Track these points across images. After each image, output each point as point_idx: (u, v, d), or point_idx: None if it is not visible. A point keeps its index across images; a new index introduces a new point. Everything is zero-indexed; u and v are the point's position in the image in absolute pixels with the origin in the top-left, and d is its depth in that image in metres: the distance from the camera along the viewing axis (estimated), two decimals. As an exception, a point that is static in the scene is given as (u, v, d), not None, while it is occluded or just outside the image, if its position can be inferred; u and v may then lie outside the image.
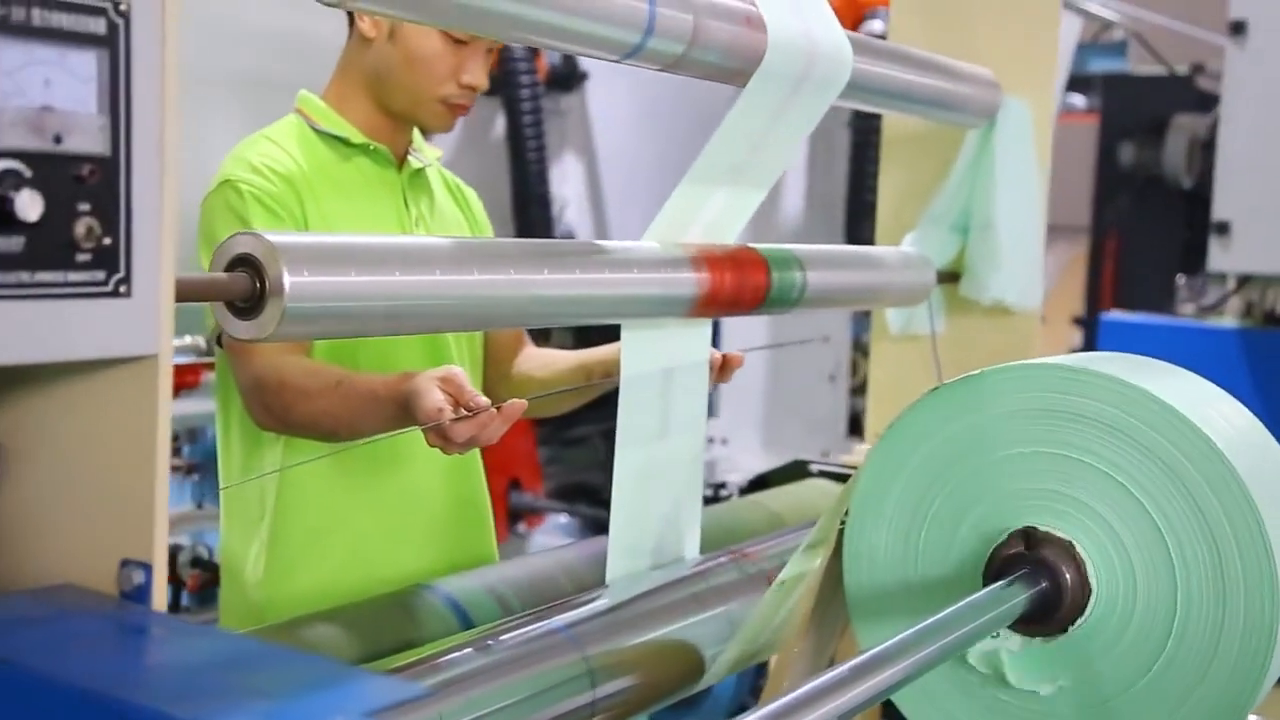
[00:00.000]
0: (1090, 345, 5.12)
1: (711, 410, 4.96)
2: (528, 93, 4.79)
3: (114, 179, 1.02)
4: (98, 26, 0.99)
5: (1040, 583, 1.41)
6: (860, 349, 5.00)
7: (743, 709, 2.35)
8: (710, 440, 4.68)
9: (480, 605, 1.70)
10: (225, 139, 1.99)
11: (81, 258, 1.00)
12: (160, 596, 1.07)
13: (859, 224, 4.69)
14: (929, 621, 1.31)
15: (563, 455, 5.44)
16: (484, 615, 1.69)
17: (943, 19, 2.31)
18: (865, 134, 4.66)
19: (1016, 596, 1.41)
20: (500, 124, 4.88)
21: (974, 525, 1.50)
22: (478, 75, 1.97)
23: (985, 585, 1.48)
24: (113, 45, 1.01)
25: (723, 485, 4.16)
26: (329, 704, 0.89)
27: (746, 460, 4.70)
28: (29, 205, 0.94)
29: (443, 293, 1.42)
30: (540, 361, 2.19)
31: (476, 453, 2.04)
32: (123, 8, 1.01)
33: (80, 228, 0.99)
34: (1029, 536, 1.46)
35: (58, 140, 0.98)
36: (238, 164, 1.91)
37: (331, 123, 2.00)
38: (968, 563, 1.52)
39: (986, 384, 1.47)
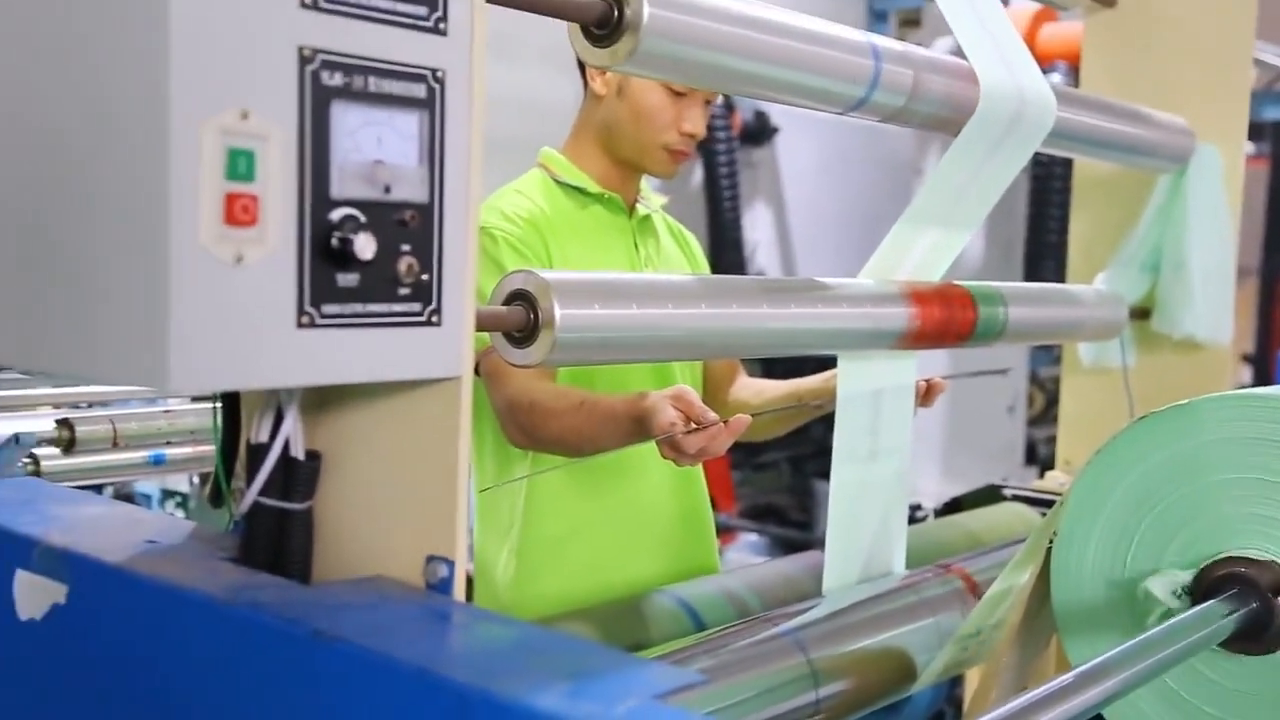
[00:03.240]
0: (1262, 381, 4.95)
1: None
2: (724, 146, 4.85)
3: (430, 223, 1.07)
4: (420, 91, 1.05)
5: (1250, 603, 1.39)
6: (1037, 383, 4.92)
7: (939, 716, 2.32)
8: (902, 468, 4.64)
9: (712, 609, 1.72)
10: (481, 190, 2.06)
11: (403, 291, 1.05)
12: (460, 588, 1.11)
13: (1038, 264, 4.62)
14: (1143, 637, 1.30)
15: (753, 479, 5.45)
16: (715, 619, 1.71)
17: (1133, 67, 2.27)
18: (1045, 180, 4.60)
19: (1226, 615, 1.39)
20: (699, 175, 4.95)
21: (1182, 546, 1.47)
22: (697, 124, 2.01)
23: (1194, 605, 1.45)
24: (431, 107, 1.06)
25: (919, 507, 4.10)
26: (620, 687, 0.91)
27: (926, 486, 4.65)
28: (365, 246, 1.00)
29: (684, 324, 1.45)
30: (753, 389, 2.21)
31: (700, 468, 2.07)
32: (439, 74, 1.06)
33: (403, 265, 1.04)
34: (1238, 560, 1.44)
35: (387, 190, 1.03)
36: (491, 213, 1.97)
37: (570, 174, 2.06)
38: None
39: (1197, 413, 1.45)
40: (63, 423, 3.06)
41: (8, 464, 2.82)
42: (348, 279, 1.01)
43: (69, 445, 3.03)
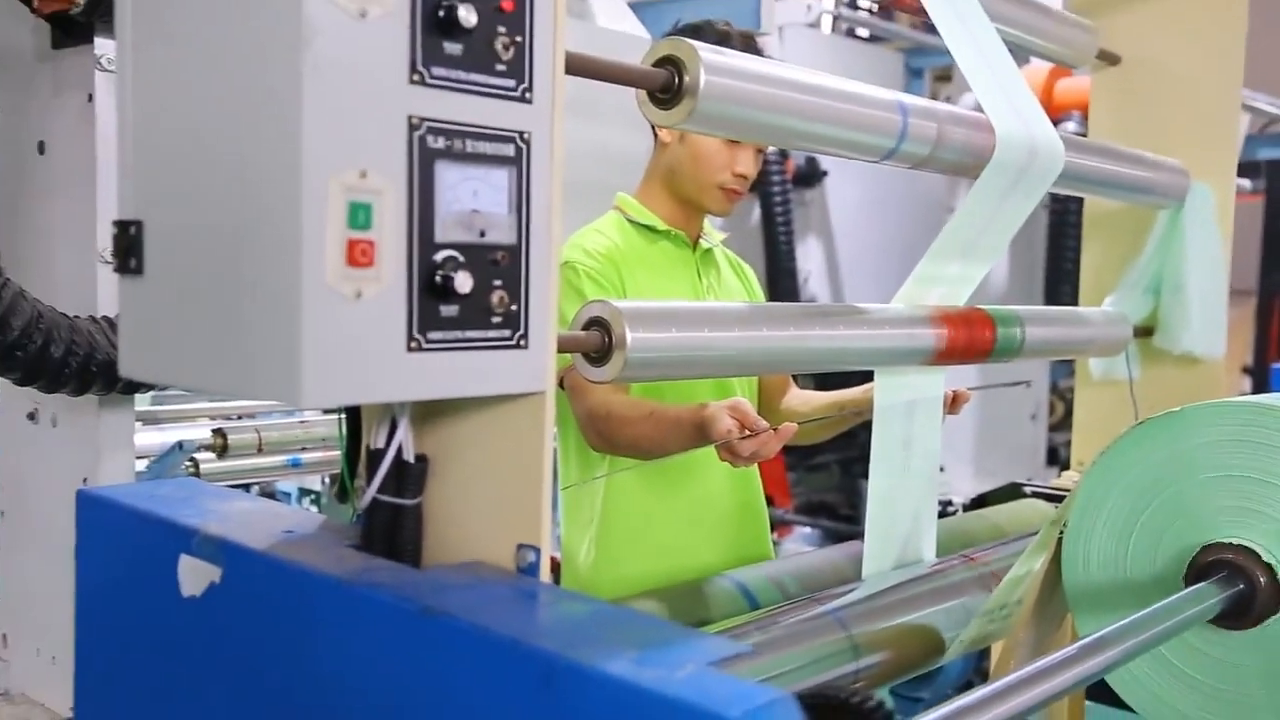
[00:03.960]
0: (1260, 389, 4.84)
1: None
2: (778, 188, 4.85)
3: (518, 262, 1.08)
4: (509, 151, 1.06)
5: (1237, 584, 1.38)
6: (1057, 393, 4.85)
7: (969, 685, 2.31)
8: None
9: (765, 591, 1.73)
10: (562, 231, 2.09)
11: (495, 320, 1.06)
12: (545, 572, 1.11)
13: (1056, 288, 4.56)
14: (1141, 614, 1.29)
15: (806, 479, 5.42)
16: (767, 599, 1.71)
17: (1136, 115, 2.25)
18: (1061, 214, 4.54)
19: (1215, 595, 1.38)
20: (757, 214, 4.95)
21: (1176, 536, 1.46)
22: (748, 166, 2.02)
23: (1187, 586, 1.44)
24: (519, 164, 1.07)
25: (949, 503, 4.07)
26: (680, 656, 0.92)
27: (961, 486, 4.61)
28: (463, 282, 1.02)
29: (739, 345, 1.46)
30: (802, 399, 2.21)
31: (755, 469, 2.08)
32: (526, 136, 1.08)
33: (495, 298, 1.06)
34: (1224, 546, 1.43)
35: (482, 234, 1.05)
36: (574, 249, 2.00)
37: (641, 215, 2.07)
38: (1171, 567, 1.48)
39: (1186, 418, 1.44)
40: (217, 432, 3.13)
41: (172, 466, 2.90)
42: (449, 310, 1.03)
43: (222, 451, 3.11)
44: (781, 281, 4.88)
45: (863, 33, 6.36)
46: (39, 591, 2.41)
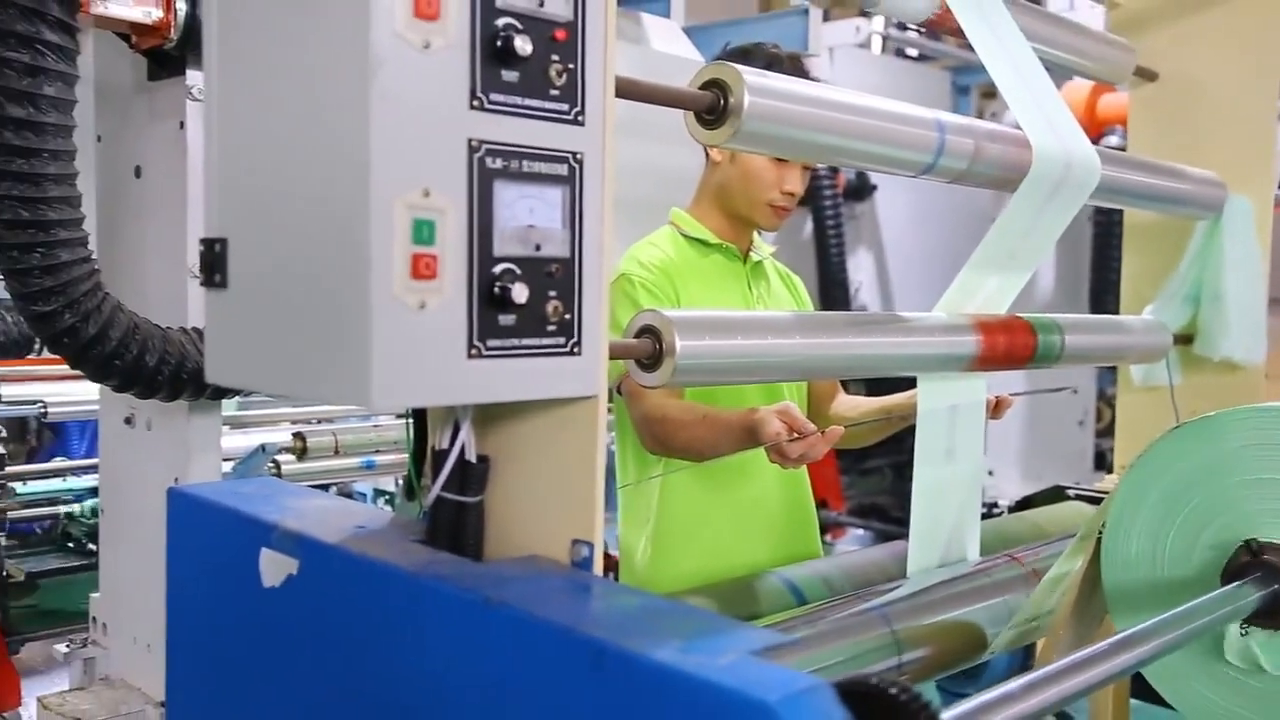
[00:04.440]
0: (1305, 397, 4.73)
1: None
2: (829, 202, 4.83)
3: (571, 273, 1.10)
4: (563, 170, 1.08)
5: (1273, 584, 1.36)
6: (1104, 399, 4.77)
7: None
8: (979, 472, 4.56)
9: (812, 587, 1.73)
10: (617, 245, 2.11)
11: (550, 328, 1.08)
12: (598, 566, 1.12)
13: (1102, 298, 4.50)
14: (1176, 610, 1.28)
15: (859, 482, 5.39)
16: (815, 596, 1.72)
17: (1175, 130, 2.22)
18: (1106, 225, 4.48)
19: (1250, 595, 1.36)
20: (808, 227, 4.94)
21: (1212, 536, 1.45)
22: (796, 184, 2.02)
23: (1223, 585, 1.42)
24: (572, 182, 1.09)
25: (994, 505, 4.03)
26: (723, 645, 0.93)
27: (1008, 489, 4.55)
28: (520, 293, 1.04)
29: (783, 352, 1.46)
30: (850, 404, 2.20)
31: (805, 470, 2.08)
32: (579, 156, 1.10)
33: (549, 308, 1.08)
34: (1259, 546, 1.41)
35: (537, 248, 1.07)
36: (630, 262, 2.02)
37: (694, 229, 2.08)
38: (1207, 567, 1.47)
39: (1222, 423, 1.43)
40: (297, 435, 3.20)
41: (256, 467, 2.97)
42: (507, 319, 1.05)
43: (302, 453, 3.17)
44: (833, 292, 4.86)
45: (911, 52, 6.33)
46: (135, 583, 2.48)
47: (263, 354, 1.12)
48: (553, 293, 1.08)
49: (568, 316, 1.10)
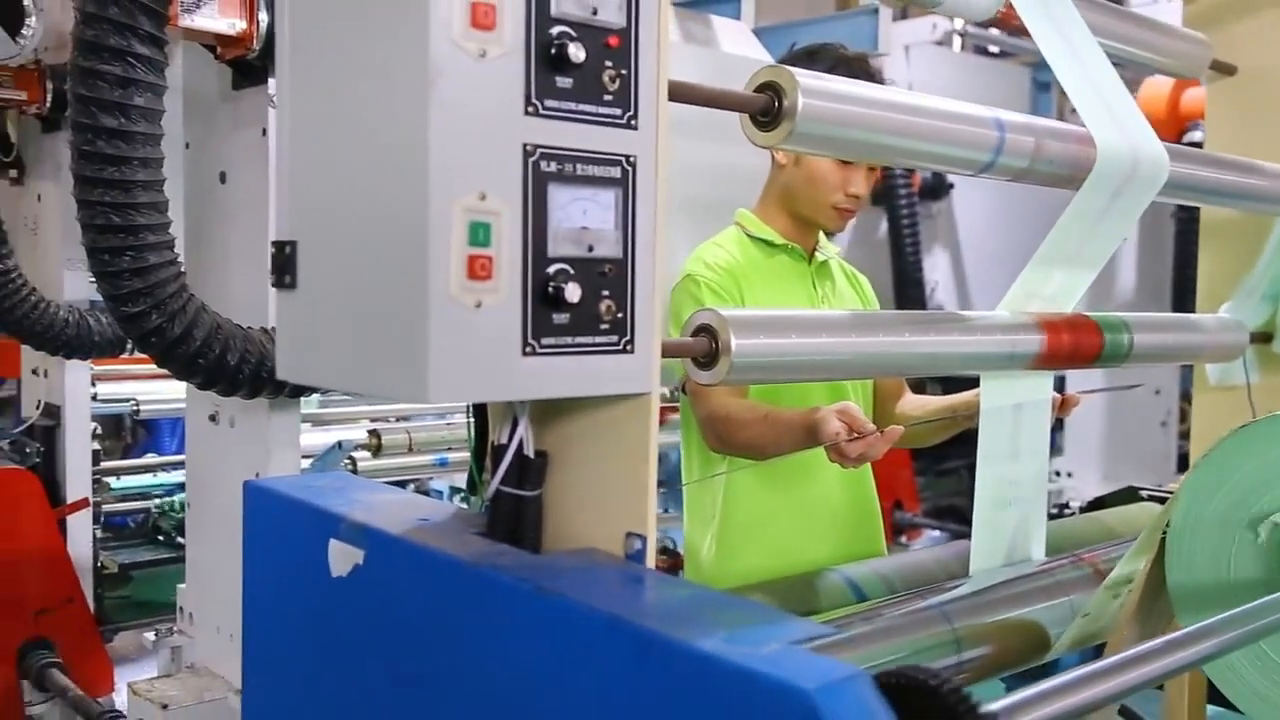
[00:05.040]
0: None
1: (1058, 449, 4.78)
2: (904, 201, 4.80)
3: (624, 273, 1.12)
4: (616, 173, 1.11)
5: (1337, 586, 1.33)
6: (1187, 399, 4.67)
7: (1083, 683, 2.26)
8: (1058, 473, 4.49)
9: (872, 585, 1.73)
10: (684, 245, 2.13)
11: (603, 326, 1.11)
12: (651, 558, 1.15)
13: (1185, 297, 4.40)
14: (1242, 609, 1.27)
15: (935, 484, 5.35)
16: (875, 593, 1.72)
17: (1253, 124, 2.18)
18: (1188, 223, 4.39)
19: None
20: (884, 226, 4.91)
21: (1281, 537, 1.43)
22: (860, 187, 2.02)
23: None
24: (625, 184, 1.12)
25: (1066, 505, 3.98)
26: (766, 635, 0.95)
27: (1088, 490, 4.48)
28: (573, 293, 1.07)
29: (839, 350, 1.46)
30: (915, 404, 2.20)
31: (869, 468, 2.08)
32: (631, 159, 1.12)
33: (603, 307, 1.10)
34: (1326, 546, 1.38)
35: (590, 249, 1.09)
36: (696, 263, 2.04)
37: (759, 229, 2.10)
38: (1275, 567, 1.44)
39: (1286, 423, 1.40)
40: (373, 432, 3.28)
41: (332, 463, 3.05)
42: (561, 318, 1.08)
43: (377, 450, 3.26)
44: (908, 292, 4.83)
45: (992, 49, 6.24)
46: (220, 575, 2.57)
47: (329, 351, 1.16)
48: (606, 292, 1.11)
49: (620, 315, 1.12)
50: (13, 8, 3.11)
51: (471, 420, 1.36)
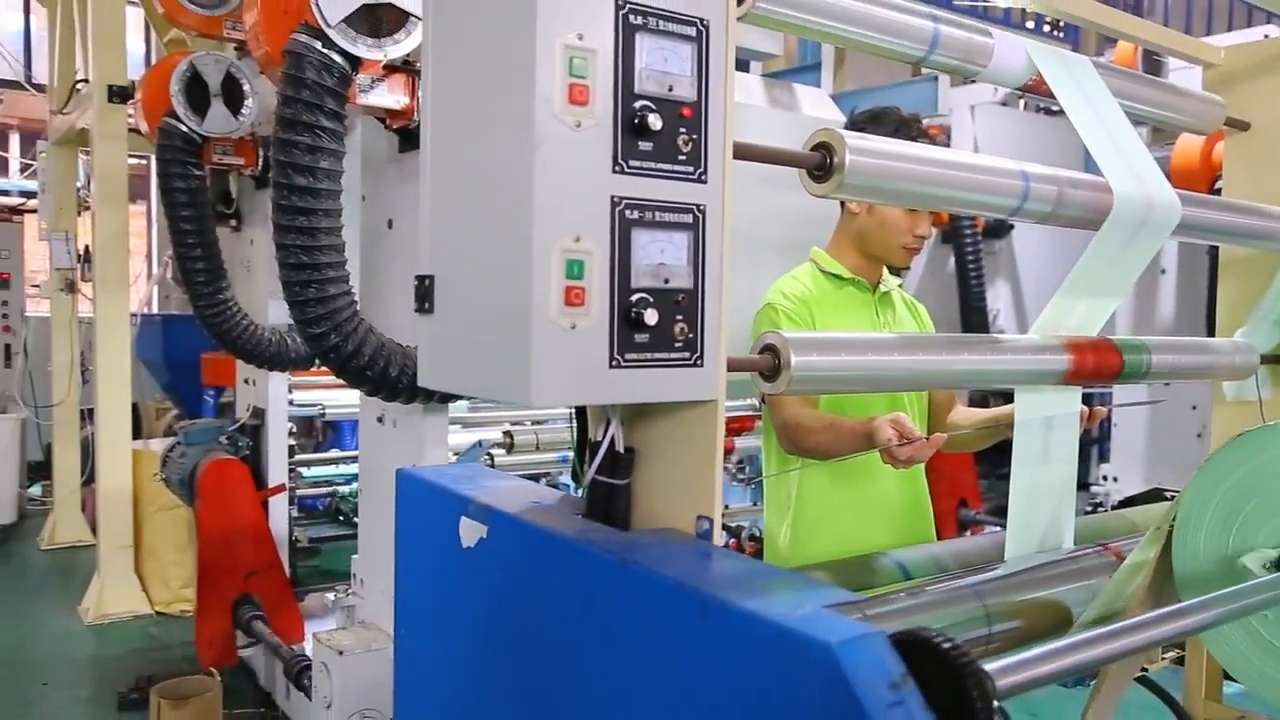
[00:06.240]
0: None
1: (1105, 456, 4.62)
2: (969, 240, 4.72)
3: (694, 302, 1.16)
4: (689, 219, 1.15)
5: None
6: (1224, 415, 4.48)
7: (1114, 661, 2.19)
8: (1104, 478, 4.34)
9: (918, 567, 1.72)
10: (768, 276, 2.16)
11: (677, 345, 1.15)
12: (717, 536, 1.17)
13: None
14: (1232, 589, 1.24)
15: (996, 485, 5.21)
16: (920, 574, 1.71)
17: (1266, 173, 2.10)
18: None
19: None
20: (951, 262, 4.83)
21: (1271, 531, 1.38)
22: (925, 228, 2.03)
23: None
24: (695, 228, 1.15)
25: (1100, 504, 3.86)
26: (804, 599, 0.97)
27: (1131, 493, 4.32)
28: (651, 317, 1.11)
29: (884, 367, 1.44)
30: (964, 414, 2.17)
31: (922, 470, 2.06)
32: (701, 208, 1.16)
33: (676, 329, 1.14)
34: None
35: (666, 281, 1.13)
36: (775, 293, 2.06)
37: (830, 265, 2.11)
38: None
39: (1275, 433, 1.36)
40: (507, 433, 3.37)
41: (474, 458, 3.15)
42: (641, 337, 1.12)
43: (510, 447, 3.34)
44: (973, 319, 4.74)
45: (1054, 107, 6.06)
46: (385, 548, 2.68)
47: (457, 363, 1.22)
48: (679, 317, 1.15)
49: (691, 336, 1.16)
50: (235, 93, 3.33)
51: (574, 422, 1.41)
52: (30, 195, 6.77)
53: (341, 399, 4.43)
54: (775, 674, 0.91)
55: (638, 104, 1.11)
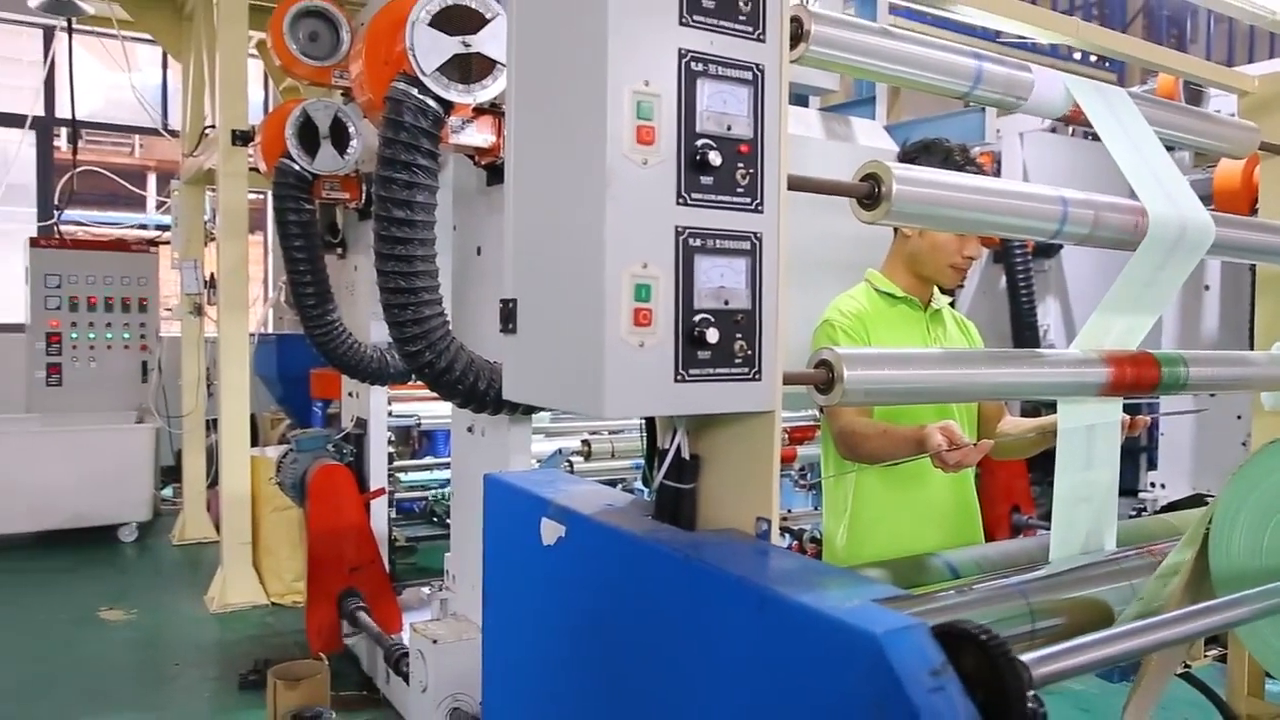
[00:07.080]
0: None
1: (1153, 464, 4.47)
2: (1020, 259, 4.62)
3: (753, 321, 1.17)
4: (747, 245, 1.17)
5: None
6: (1271, 424, 4.30)
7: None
8: (1152, 484, 4.20)
9: (966, 567, 1.71)
10: (827, 295, 2.16)
11: (737, 361, 1.16)
12: (775, 537, 1.17)
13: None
14: (1267, 587, 1.21)
15: (1048, 491, 5.07)
16: (968, 573, 1.69)
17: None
18: (1271, 273, 4.06)
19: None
20: (1003, 281, 4.74)
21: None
22: (974, 250, 2.02)
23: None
24: (753, 254, 1.17)
25: (1143, 509, 3.74)
26: (853, 594, 0.98)
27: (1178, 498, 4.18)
28: (713, 336, 1.13)
29: (930, 380, 1.43)
30: (1012, 423, 2.15)
31: (969, 473, 2.04)
32: (758, 235, 1.18)
33: (736, 346, 1.16)
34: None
35: (726, 303, 1.15)
36: (833, 311, 2.07)
37: (885, 285, 2.11)
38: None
39: (1313, 439, 1.33)
40: (585, 442, 3.41)
41: (554, 465, 3.20)
42: (704, 354, 1.14)
43: (588, 455, 3.38)
44: (1024, 334, 4.63)
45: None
46: (474, 546, 2.73)
47: (538, 379, 1.26)
48: (739, 335, 1.17)
49: (749, 352, 1.18)
50: (342, 135, 3.45)
51: (644, 432, 1.43)
52: (164, 229, 7.08)
53: (436, 411, 4.53)
54: (826, 662, 0.92)
55: (699, 142, 1.13)
